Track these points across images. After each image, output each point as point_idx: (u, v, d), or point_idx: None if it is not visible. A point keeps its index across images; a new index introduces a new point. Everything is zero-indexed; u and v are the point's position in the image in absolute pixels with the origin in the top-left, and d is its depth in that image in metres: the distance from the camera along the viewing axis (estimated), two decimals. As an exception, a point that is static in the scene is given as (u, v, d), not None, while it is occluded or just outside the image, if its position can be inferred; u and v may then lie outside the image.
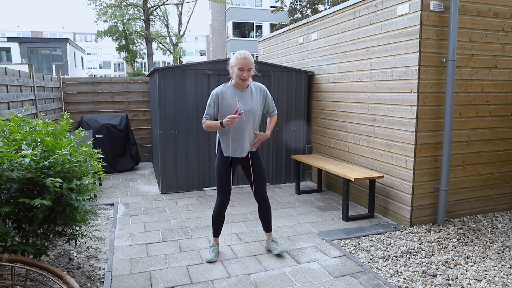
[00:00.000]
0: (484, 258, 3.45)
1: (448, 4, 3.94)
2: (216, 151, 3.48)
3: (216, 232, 3.55)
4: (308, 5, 21.86)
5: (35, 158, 2.49)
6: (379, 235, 4.01)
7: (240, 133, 3.31)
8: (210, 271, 3.25)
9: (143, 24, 23.88)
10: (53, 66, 26.65)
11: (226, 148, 3.36)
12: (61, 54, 28.14)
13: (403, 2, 4.11)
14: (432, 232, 4.05)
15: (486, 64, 4.29)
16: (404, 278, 3.10)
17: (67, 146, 2.72)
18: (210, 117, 3.32)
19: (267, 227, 3.61)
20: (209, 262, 3.40)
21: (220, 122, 3.19)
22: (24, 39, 29.58)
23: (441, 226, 4.22)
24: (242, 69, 3.18)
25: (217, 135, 3.46)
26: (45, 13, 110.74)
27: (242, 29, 35.41)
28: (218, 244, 3.59)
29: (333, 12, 5.44)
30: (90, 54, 62.81)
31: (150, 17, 23.99)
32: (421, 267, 3.29)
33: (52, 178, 2.44)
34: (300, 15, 22.00)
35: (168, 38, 27.85)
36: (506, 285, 2.98)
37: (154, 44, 27.28)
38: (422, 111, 4.06)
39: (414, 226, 4.21)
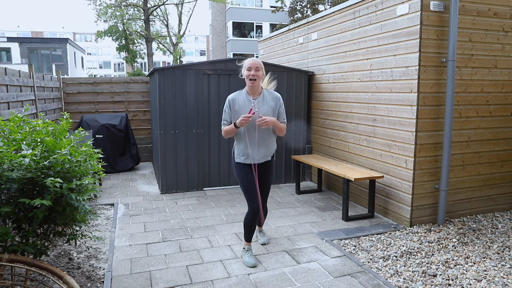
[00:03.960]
0: (484, 258, 3.45)
1: (448, 4, 3.94)
2: (233, 155, 3.49)
3: (248, 237, 3.52)
4: (308, 5, 21.84)
5: (35, 158, 2.49)
6: (379, 235, 4.01)
7: (252, 137, 3.31)
8: (210, 271, 3.26)
9: (143, 24, 23.89)
10: (53, 66, 26.66)
11: (238, 154, 3.40)
12: (61, 54, 28.15)
13: (403, 2, 4.11)
14: (432, 232, 4.05)
15: (486, 64, 4.29)
16: (404, 278, 3.10)
17: (67, 146, 2.72)
18: (228, 123, 3.36)
19: (259, 223, 3.86)
20: (253, 267, 3.35)
21: (234, 123, 3.24)
22: (24, 39, 29.58)
23: (441, 226, 4.22)
24: (250, 68, 3.26)
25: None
26: (45, 13, 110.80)
27: (242, 29, 35.40)
28: (251, 247, 3.57)
29: (333, 12, 5.44)
30: (90, 54, 62.80)
31: (150, 17, 24.00)
32: (421, 267, 3.29)
33: (52, 178, 2.44)
34: (300, 16, 21.98)
35: (168, 38, 27.86)
36: (506, 285, 2.98)
37: (154, 44, 27.29)
38: (422, 111, 4.06)
39: (414, 226, 4.21)
